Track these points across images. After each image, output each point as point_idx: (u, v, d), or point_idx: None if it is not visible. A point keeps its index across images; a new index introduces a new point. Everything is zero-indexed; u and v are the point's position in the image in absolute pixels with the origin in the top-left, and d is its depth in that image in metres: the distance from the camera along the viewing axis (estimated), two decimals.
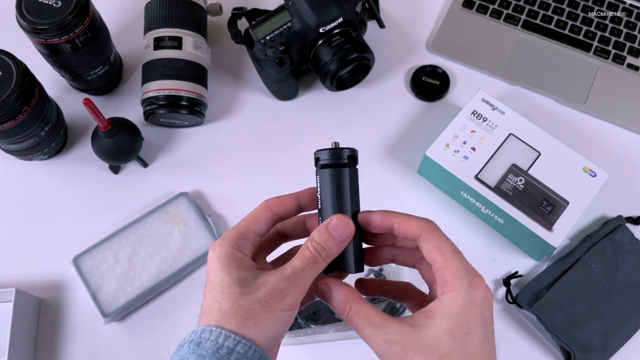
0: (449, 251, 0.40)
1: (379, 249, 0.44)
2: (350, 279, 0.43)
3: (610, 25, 0.83)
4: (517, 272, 0.69)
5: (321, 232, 0.39)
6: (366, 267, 0.53)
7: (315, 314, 0.64)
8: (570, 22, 0.83)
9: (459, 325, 0.37)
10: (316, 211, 0.42)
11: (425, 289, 0.43)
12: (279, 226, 0.45)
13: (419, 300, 0.43)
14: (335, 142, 0.42)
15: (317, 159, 0.41)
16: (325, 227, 0.39)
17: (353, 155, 0.42)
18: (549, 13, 0.83)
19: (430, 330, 0.36)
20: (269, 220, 0.42)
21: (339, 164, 0.41)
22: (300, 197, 0.43)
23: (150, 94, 0.71)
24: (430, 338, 0.36)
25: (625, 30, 0.82)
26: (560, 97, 0.79)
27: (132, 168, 0.75)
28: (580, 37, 0.82)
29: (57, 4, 0.64)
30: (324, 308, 0.64)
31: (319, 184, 0.42)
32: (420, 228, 0.40)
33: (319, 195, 0.41)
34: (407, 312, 0.64)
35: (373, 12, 0.78)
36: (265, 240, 0.44)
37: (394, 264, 0.47)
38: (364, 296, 0.41)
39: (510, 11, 0.84)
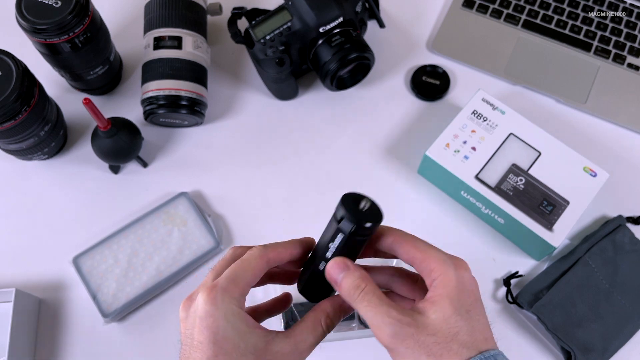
0: (424, 245, 0.41)
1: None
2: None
3: (611, 25, 0.83)
4: (517, 272, 0.69)
5: (336, 311, 0.40)
6: None
7: None
8: (570, 22, 0.83)
9: (460, 304, 0.38)
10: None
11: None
12: (270, 271, 0.44)
13: (409, 281, 0.43)
14: (365, 204, 0.40)
15: (340, 218, 0.39)
16: (340, 305, 0.41)
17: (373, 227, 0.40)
18: (549, 13, 0.83)
19: (437, 314, 0.38)
20: (262, 271, 0.41)
21: (360, 235, 0.40)
22: (295, 250, 0.42)
23: (150, 94, 0.71)
24: (440, 320, 0.38)
25: (625, 30, 0.82)
26: (560, 96, 0.79)
27: (131, 168, 0.75)
28: (581, 36, 0.82)
29: (56, 3, 0.64)
30: None
31: (332, 236, 0.40)
32: (391, 236, 0.42)
33: (330, 245, 0.40)
34: None
35: (373, 11, 0.78)
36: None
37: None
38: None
39: (510, 11, 0.84)
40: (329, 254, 0.40)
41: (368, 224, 0.39)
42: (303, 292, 0.44)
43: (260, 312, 0.44)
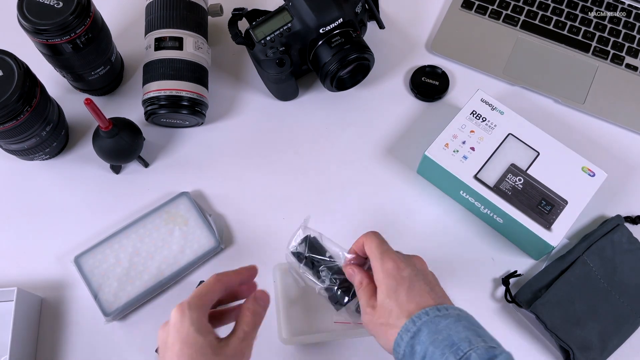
0: (374, 252, 0.54)
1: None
2: None
3: (609, 25, 0.83)
4: (516, 272, 0.69)
5: (252, 302, 0.51)
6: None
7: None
8: (569, 23, 0.83)
9: (388, 288, 0.52)
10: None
11: None
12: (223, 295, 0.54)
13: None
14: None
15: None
16: (256, 298, 0.52)
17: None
18: (548, 14, 0.84)
19: (379, 298, 0.53)
20: (221, 293, 0.51)
21: None
22: (242, 273, 0.53)
23: (151, 94, 0.71)
24: (380, 302, 0.53)
25: (624, 31, 0.83)
26: (559, 97, 0.79)
27: (133, 168, 0.76)
28: (579, 37, 0.82)
29: (58, 4, 0.64)
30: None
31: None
32: (366, 245, 0.55)
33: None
34: None
35: (373, 12, 0.78)
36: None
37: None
38: None
39: (509, 12, 0.84)
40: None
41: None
42: None
43: (217, 319, 0.54)
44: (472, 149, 0.69)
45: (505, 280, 0.68)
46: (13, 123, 0.64)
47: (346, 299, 0.58)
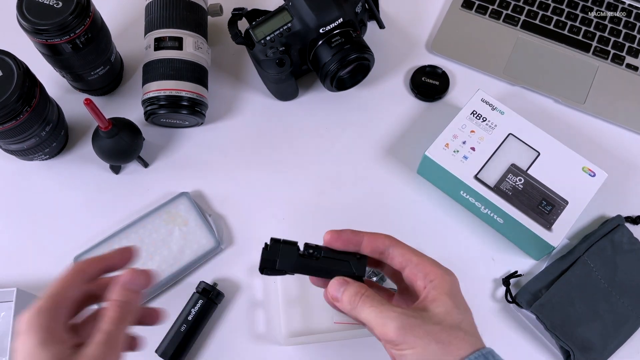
0: (417, 252, 0.46)
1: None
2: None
3: (610, 25, 0.83)
4: (516, 272, 0.69)
5: (119, 290, 0.41)
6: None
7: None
8: (569, 23, 0.83)
9: (458, 302, 0.43)
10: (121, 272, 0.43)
11: None
12: (89, 288, 0.44)
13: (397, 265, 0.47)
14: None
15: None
16: (121, 284, 0.41)
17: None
18: (548, 13, 0.84)
19: (440, 308, 0.42)
20: (82, 284, 0.42)
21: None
22: (109, 258, 0.44)
23: (151, 94, 0.71)
24: (443, 313, 0.42)
25: (624, 31, 0.82)
26: (559, 97, 0.79)
27: (132, 168, 0.75)
28: (580, 37, 0.82)
29: (57, 4, 0.64)
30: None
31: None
32: (388, 239, 0.47)
33: None
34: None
35: (373, 12, 0.78)
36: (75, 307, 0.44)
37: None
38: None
39: (509, 11, 0.84)
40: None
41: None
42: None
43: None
44: (473, 149, 0.69)
45: (505, 281, 0.68)
46: (12, 123, 0.64)
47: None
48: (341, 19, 0.70)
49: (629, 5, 0.84)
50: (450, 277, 0.44)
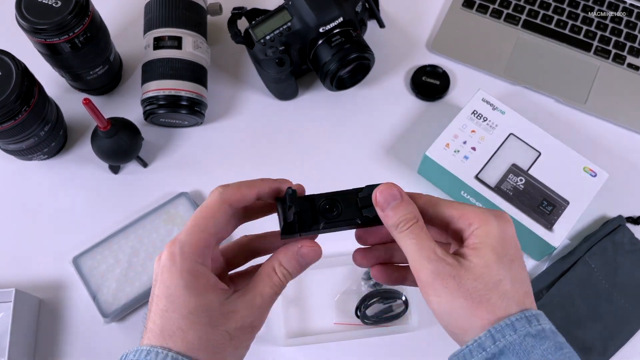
0: (459, 204, 0.39)
1: (374, 248, 0.43)
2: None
3: (611, 25, 0.83)
4: None
5: (290, 259, 0.38)
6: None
7: (331, 209, 0.44)
8: (570, 22, 0.83)
9: (503, 253, 0.37)
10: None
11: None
12: (253, 243, 0.42)
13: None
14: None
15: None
16: (295, 253, 0.38)
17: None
18: (549, 13, 0.83)
19: (479, 260, 0.36)
20: (230, 218, 0.38)
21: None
22: (263, 189, 0.40)
23: (150, 94, 0.71)
24: (482, 266, 0.36)
25: (625, 30, 0.82)
26: (560, 97, 0.79)
27: (132, 168, 0.75)
28: (581, 36, 0.82)
29: (56, 3, 0.64)
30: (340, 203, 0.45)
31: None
32: (423, 196, 0.40)
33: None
34: (404, 317, 0.64)
35: (373, 12, 0.78)
36: (233, 256, 0.42)
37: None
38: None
39: (510, 11, 0.84)
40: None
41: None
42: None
43: (227, 266, 0.41)
44: (473, 149, 0.69)
45: None
46: (11, 123, 0.64)
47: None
48: (341, 19, 0.70)
49: (630, 4, 0.84)
50: (498, 222, 0.37)
